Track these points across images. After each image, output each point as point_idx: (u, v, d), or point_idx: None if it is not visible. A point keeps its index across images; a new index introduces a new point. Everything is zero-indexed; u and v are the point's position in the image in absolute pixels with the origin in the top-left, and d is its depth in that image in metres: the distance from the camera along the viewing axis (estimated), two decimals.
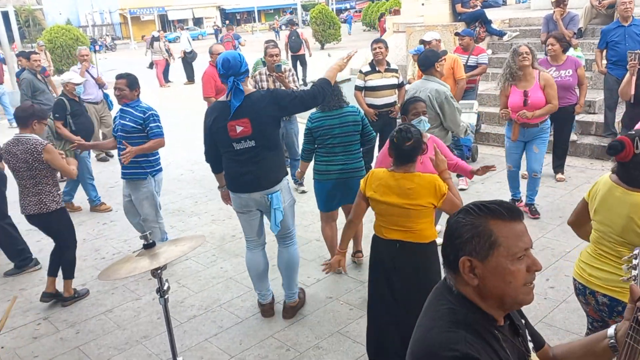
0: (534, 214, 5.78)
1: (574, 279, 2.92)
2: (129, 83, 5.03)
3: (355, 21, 43.86)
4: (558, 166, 6.86)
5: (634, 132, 2.63)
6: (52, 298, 4.77)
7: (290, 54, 16.34)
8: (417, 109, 4.04)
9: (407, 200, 3.16)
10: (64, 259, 4.80)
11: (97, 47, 19.80)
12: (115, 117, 5.21)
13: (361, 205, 3.41)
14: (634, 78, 5.01)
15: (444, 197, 3.17)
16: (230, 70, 3.75)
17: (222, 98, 3.95)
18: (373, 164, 7.12)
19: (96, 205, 7.09)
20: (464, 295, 1.51)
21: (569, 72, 6.19)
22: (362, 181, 3.37)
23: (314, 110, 4.78)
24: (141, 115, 5.04)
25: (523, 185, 6.06)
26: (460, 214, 1.52)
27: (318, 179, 4.80)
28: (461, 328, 1.45)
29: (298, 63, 16.36)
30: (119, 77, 5.12)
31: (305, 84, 16.00)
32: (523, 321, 1.72)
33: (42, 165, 4.49)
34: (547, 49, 6.31)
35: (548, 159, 6.72)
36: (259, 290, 4.37)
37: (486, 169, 4.00)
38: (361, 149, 4.84)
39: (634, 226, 2.55)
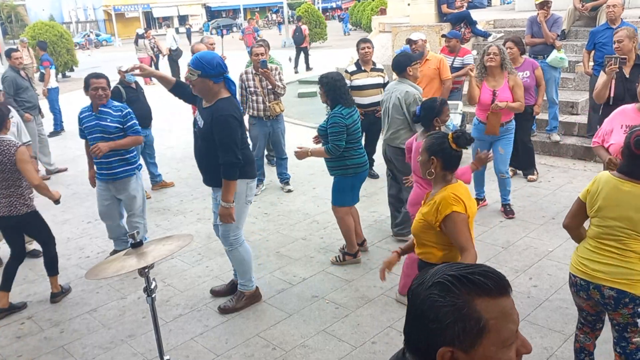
0: (509, 213, 5.89)
1: (574, 276, 3.00)
2: (108, 82, 5.04)
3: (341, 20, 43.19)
4: (528, 168, 6.93)
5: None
6: (7, 312, 4.58)
7: (295, 46, 19.89)
8: (449, 110, 4.10)
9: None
10: (45, 257, 4.78)
11: (224, 32, 20.06)
12: (83, 120, 5.07)
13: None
14: (613, 81, 5.10)
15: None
16: (227, 68, 4.00)
17: (227, 95, 4.04)
18: (375, 157, 7.21)
19: (158, 182, 7.58)
20: None
21: (526, 74, 6.35)
22: (459, 207, 2.84)
23: (336, 108, 4.78)
24: (120, 114, 5.05)
25: (489, 185, 6.23)
26: (435, 289, 1.16)
27: (358, 172, 4.93)
28: None
29: (302, 53, 19.70)
30: (97, 76, 5.02)
31: (308, 68, 19.51)
32: None
33: (15, 167, 4.34)
34: (506, 52, 6.46)
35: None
36: (254, 277, 4.54)
37: (482, 159, 4.03)
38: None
39: None
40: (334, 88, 4.76)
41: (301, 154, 4.90)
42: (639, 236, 2.75)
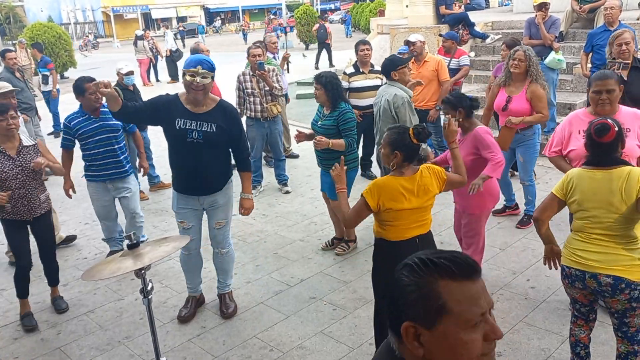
0: (524, 224, 5.67)
1: (569, 268, 3.09)
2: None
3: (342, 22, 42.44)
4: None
5: (605, 117, 3.04)
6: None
7: (317, 42, 21.20)
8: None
9: (425, 196, 3.24)
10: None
11: (287, 30, 20.05)
12: (77, 125, 5.02)
13: (363, 216, 3.32)
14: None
15: (445, 181, 3.36)
16: None
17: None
18: (373, 158, 7.23)
19: (156, 184, 7.63)
20: None
21: None
22: (368, 196, 3.22)
23: (341, 105, 4.96)
24: None
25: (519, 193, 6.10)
26: (404, 269, 1.27)
27: (356, 165, 5.21)
28: None
29: (324, 50, 20.63)
30: (91, 80, 4.87)
31: (331, 64, 19.65)
32: None
33: None
34: (502, 54, 6.51)
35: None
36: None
37: None
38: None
39: (625, 197, 2.84)
40: (335, 86, 4.90)
41: (322, 144, 4.84)
42: (623, 219, 2.87)
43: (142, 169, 5.79)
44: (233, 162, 4.21)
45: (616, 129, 2.91)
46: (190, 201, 4.16)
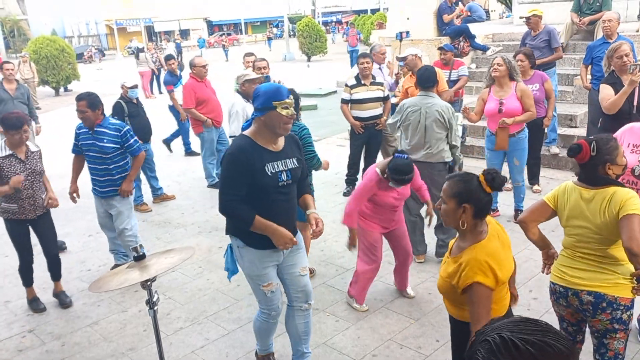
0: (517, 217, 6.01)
1: (554, 284, 3.03)
2: (89, 104, 4.90)
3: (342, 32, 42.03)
4: (533, 178, 6.99)
5: (592, 137, 2.92)
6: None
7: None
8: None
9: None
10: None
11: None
12: (80, 136, 5.12)
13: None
14: (637, 89, 4.92)
15: None
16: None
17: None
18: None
19: (160, 195, 7.65)
20: None
21: (536, 87, 6.36)
22: (479, 277, 2.39)
23: None
24: (117, 133, 5.04)
25: (501, 195, 6.38)
26: (482, 347, 1.12)
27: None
28: None
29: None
30: (78, 98, 4.99)
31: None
32: None
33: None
34: (517, 64, 6.45)
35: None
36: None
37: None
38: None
39: (607, 218, 2.75)
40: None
41: None
42: (607, 240, 2.80)
43: (120, 191, 5.14)
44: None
45: (593, 153, 2.81)
46: (275, 255, 3.42)
